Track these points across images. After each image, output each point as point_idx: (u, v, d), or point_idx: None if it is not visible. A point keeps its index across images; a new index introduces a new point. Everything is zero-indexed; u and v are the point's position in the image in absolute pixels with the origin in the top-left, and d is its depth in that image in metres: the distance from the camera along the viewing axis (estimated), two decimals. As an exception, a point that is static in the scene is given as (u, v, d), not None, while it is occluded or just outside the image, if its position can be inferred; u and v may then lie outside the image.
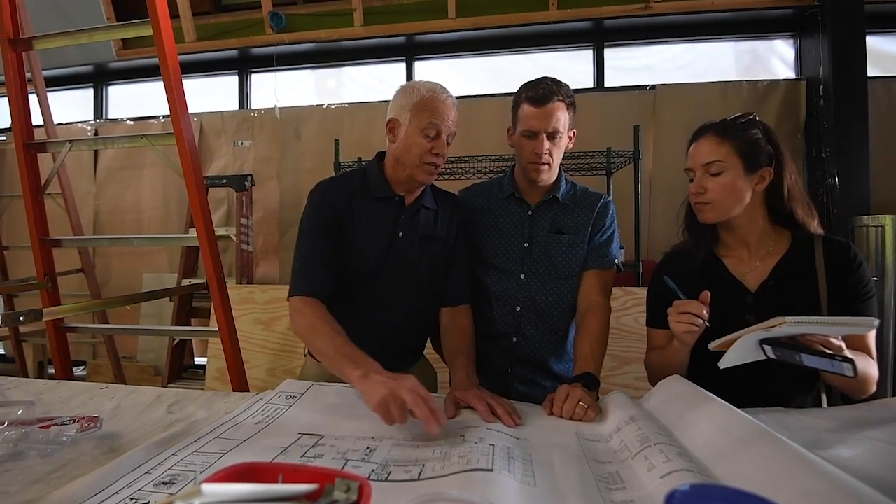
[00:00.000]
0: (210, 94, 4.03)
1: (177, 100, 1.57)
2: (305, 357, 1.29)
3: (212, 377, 2.54)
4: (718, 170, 0.98)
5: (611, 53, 3.53)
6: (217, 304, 1.69)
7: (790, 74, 3.31)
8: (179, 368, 3.28)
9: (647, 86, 3.36)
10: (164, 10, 1.55)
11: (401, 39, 3.60)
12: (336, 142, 2.87)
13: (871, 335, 0.94)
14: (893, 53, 3.21)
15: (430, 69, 3.77)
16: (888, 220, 2.52)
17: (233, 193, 3.41)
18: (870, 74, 2.86)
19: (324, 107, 3.73)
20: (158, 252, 3.92)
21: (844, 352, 0.80)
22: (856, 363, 0.77)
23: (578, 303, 1.23)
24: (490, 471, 0.58)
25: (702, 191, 1.01)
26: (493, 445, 0.68)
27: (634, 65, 3.53)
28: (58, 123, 2.98)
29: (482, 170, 2.71)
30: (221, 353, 1.78)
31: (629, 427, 0.75)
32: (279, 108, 3.76)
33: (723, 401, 0.74)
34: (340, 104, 3.72)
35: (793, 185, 0.99)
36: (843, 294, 0.96)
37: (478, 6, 3.40)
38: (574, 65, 3.57)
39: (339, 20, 3.55)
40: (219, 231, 1.87)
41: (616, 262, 1.25)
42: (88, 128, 4.08)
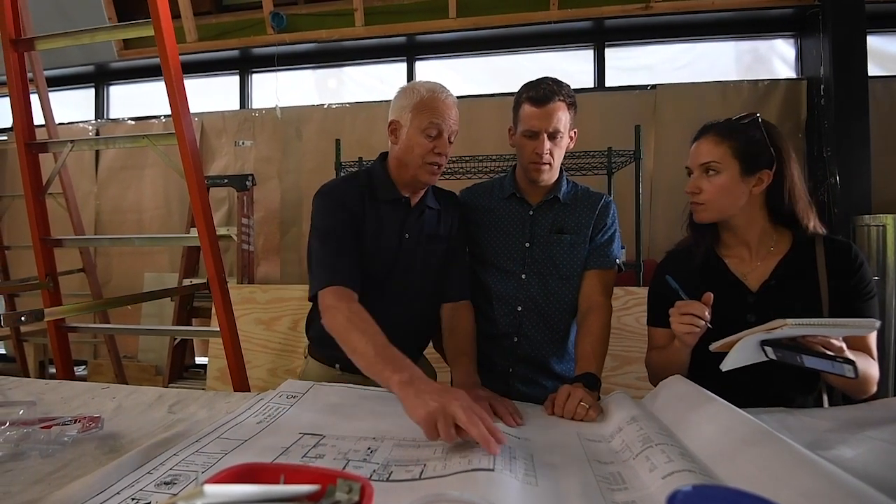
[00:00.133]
0: (211, 94, 4.04)
1: (178, 100, 1.57)
2: (306, 359, 1.29)
3: (213, 377, 2.54)
4: (714, 170, 0.98)
5: (611, 53, 3.53)
6: (218, 304, 1.69)
7: (791, 74, 3.31)
8: (180, 368, 3.28)
9: (648, 85, 3.36)
10: (166, 11, 1.55)
11: (401, 39, 3.60)
12: (337, 142, 2.87)
13: (872, 335, 0.94)
14: (894, 53, 3.21)
15: (431, 69, 3.77)
16: (889, 220, 2.51)
17: (234, 193, 3.41)
18: (870, 74, 2.86)
19: (325, 107, 3.73)
20: (159, 252, 3.92)
21: (845, 353, 0.80)
22: (857, 364, 0.77)
23: (579, 303, 1.23)
24: (491, 471, 0.58)
25: (696, 191, 1.01)
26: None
27: (635, 65, 3.53)
28: (59, 123, 2.98)
29: (483, 170, 2.71)
30: (222, 353, 1.78)
31: (631, 427, 0.74)
32: (280, 108, 3.76)
33: (724, 401, 0.74)
34: (341, 104, 3.72)
35: (794, 187, 0.98)
36: (845, 294, 0.95)
37: (478, 6, 3.40)
38: (575, 65, 3.57)
39: (340, 20, 3.56)
40: (220, 231, 1.87)
41: (617, 262, 1.25)
42: (90, 128, 4.09)
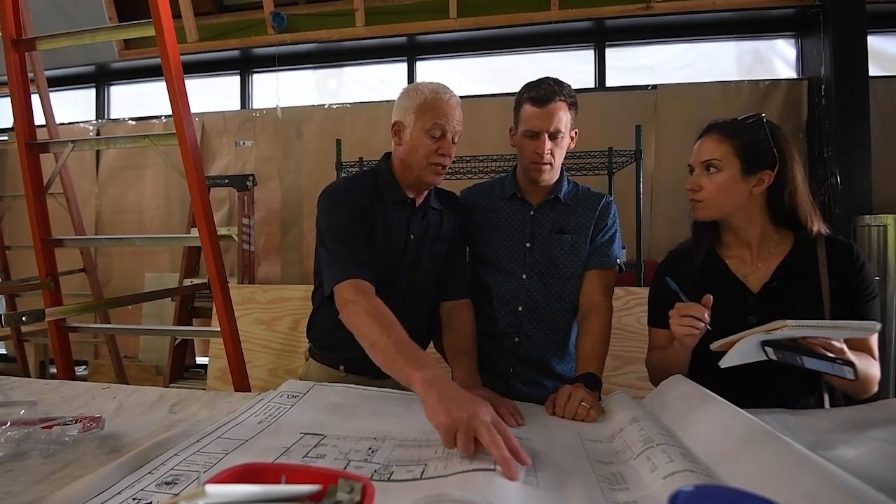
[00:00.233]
0: (212, 94, 4.04)
1: (179, 100, 1.57)
2: (307, 362, 1.29)
3: (213, 377, 2.54)
4: (715, 168, 0.98)
5: (612, 53, 3.53)
6: (219, 304, 1.69)
7: (792, 74, 3.31)
8: (181, 368, 3.29)
9: (649, 86, 3.36)
10: (167, 11, 1.55)
11: (402, 39, 3.60)
12: (338, 142, 2.87)
13: (874, 336, 0.94)
14: (895, 53, 3.20)
15: (432, 69, 3.77)
16: (890, 220, 2.51)
17: (234, 193, 3.42)
18: (871, 74, 2.86)
19: (325, 107, 3.73)
20: (160, 252, 3.93)
21: (846, 354, 0.80)
22: (857, 366, 0.77)
23: (580, 303, 1.23)
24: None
25: (696, 188, 1.01)
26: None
27: (635, 65, 3.53)
28: (60, 123, 2.99)
29: (483, 170, 2.71)
30: (223, 353, 1.79)
31: (632, 427, 0.74)
32: (281, 108, 3.76)
33: (725, 401, 0.74)
34: (342, 104, 3.72)
35: (796, 188, 0.98)
36: (846, 295, 0.95)
37: (479, 6, 3.40)
38: (575, 65, 3.57)
39: (341, 20, 3.56)
40: (220, 231, 1.88)
41: (618, 263, 1.25)
42: (90, 128, 4.09)
